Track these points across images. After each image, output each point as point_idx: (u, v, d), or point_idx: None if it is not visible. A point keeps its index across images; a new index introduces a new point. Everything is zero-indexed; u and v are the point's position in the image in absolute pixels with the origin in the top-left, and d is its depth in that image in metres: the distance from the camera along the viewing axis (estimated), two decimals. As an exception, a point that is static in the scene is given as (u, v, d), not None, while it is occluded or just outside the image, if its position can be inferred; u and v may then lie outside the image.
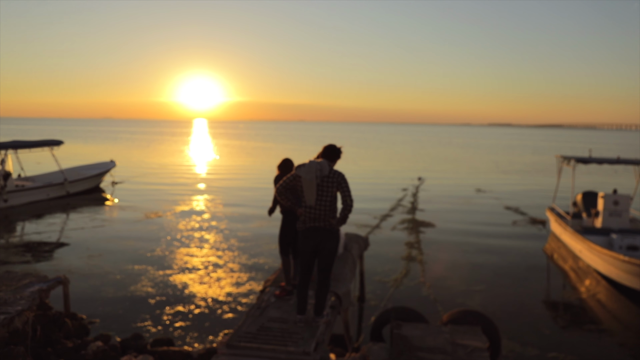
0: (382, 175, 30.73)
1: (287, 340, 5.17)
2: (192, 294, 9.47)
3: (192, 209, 18.00)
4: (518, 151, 62.91)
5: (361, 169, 34.17)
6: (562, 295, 10.03)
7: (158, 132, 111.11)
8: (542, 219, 17.18)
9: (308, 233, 5.35)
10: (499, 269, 11.43)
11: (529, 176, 32.57)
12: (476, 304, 9.21)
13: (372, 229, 15.08)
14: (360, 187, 24.11)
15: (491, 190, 24.69)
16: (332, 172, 5.27)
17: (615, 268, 10.29)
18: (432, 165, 38.95)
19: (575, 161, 13.28)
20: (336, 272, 7.07)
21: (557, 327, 8.37)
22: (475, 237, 14.47)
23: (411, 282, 10.38)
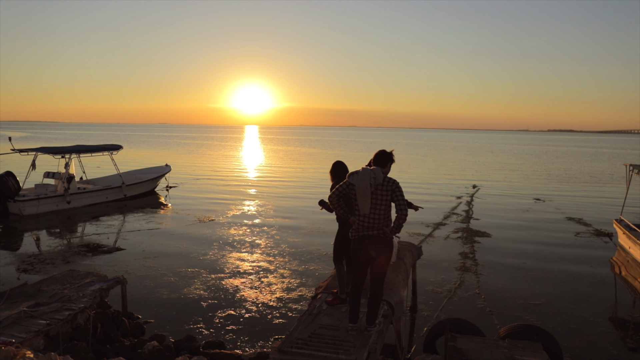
0: (436, 182, 30.12)
1: (338, 348, 5.08)
2: (244, 298, 9.55)
3: (243, 214, 18.26)
4: (581, 158, 60.11)
5: (413, 175, 33.64)
6: (631, 313, 9.40)
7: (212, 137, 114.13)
8: (608, 231, 16.25)
9: (361, 241, 5.26)
10: (560, 283, 10.87)
11: (593, 185, 30.99)
12: (535, 318, 8.78)
13: (425, 238, 14.75)
14: (412, 195, 23.71)
15: (551, 200, 23.65)
16: (386, 180, 5.16)
17: (691, 285, 9.56)
18: (487, 173, 37.83)
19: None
20: (389, 281, 6.92)
21: (625, 348, 7.83)
22: (535, 249, 13.86)
23: (465, 293, 10.04)
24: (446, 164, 46.57)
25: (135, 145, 68.99)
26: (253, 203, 20.94)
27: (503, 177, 34.65)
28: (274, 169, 38.43)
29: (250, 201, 21.44)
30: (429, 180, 31.50)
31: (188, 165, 39.38)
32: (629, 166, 13.89)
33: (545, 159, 58.49)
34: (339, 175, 6.13)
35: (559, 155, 70.30)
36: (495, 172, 38.48)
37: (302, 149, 70.06)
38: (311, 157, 53.87)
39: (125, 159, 40.24)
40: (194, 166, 38.41)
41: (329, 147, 79.26)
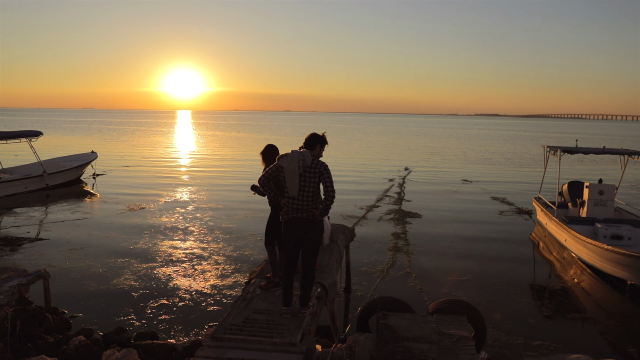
0: (368, 165, 30.71)
1: (272, 331, 5.10)
2: (177, 286, 9.35)
3: (175, 201, 17.81)
4: (505, 141, 63.30)
5: (347, 159, 34.10)
6: (547, 284, 10.09)
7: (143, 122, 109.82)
8: (528, 209, 17.28)
9: (291, 224, 5.27)
10: (485, 259, 11.46)
11: (515, 166, 32.79)
12: (462, 293, 9.22)
13: (358, 220, 15.04)
14: (346, 178, 24.05)
15: (478, 181, 24.80)
16: (314, 162, 5.18)
17: (599, 257, 10.36)
18: (418, 155, 39.02)
19: (562, 151, 13.33)
20: (322, 263, 7.01)
21: (541, 316, 8.41)
22: (462, 228, 14.51)
23: (397, 272, 10.36)
24: (379, 147, 47.55)
25: (58, 132, 65.23)
26: (186, 189, 20.44)
27: (433, 160, 35.89)
28: (206, 154, 37.65)
29: (183, 188, 20.92)
30: (362, 163, 32.05)
31: (116, 152, 37.77)
32: (546, 147, 14.76)
33: (473, 142, 61.12)
34: (270, 159, 6.09)
35: (485, 138, 73.71)
36: (426, 155, 39.76)
37: (232, 134, 69.08)
38: (241, 141, 53.22)
39: (46, 147, 37.97)
40: (123, 153, 36.90)
41: (260, 131, 78.64)
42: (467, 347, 4.75)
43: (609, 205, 12.74)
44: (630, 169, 29.86)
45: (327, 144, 5.50)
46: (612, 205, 12.79)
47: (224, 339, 4.97)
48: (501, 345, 7.24)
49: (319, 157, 5.40)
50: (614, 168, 32.20)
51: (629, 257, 9.33)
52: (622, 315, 8.55)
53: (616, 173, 28.43)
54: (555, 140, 70.65)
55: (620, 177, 15.06)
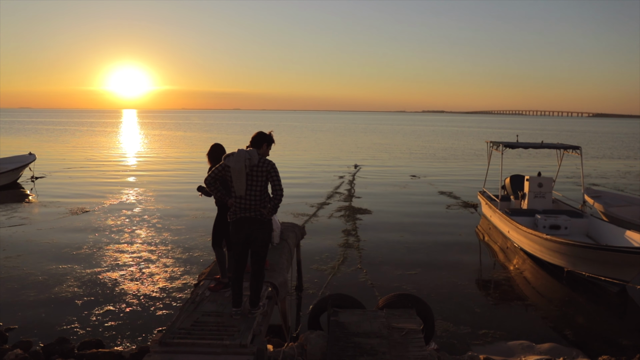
0: (319, 163, 30.83)
1: (222, 333, 5.02)
2: (123, 291, 9.05)
3: (121, 203, 17.25)
4: (450, 137, 65.13)
5: (297, 157, 34.12)
6: (492, 274, 10.45)
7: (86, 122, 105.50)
8: (474, 203, 17.85)
9: (239, 223, 5.21)
10: (433, 252, 11.75)
11: (460, 161, 33.79)
12: (412, 287, 9.41)
13: (309, 218, 15.07)
14: (296, 176, 24.06)
15: (425, 176, 25.39)
16: (261, 161, 5.14)
17: (539, 246, 10.84)
18: (367, 152, 39.53)
19: (504, 146, 13.83)
20: (272, 262, 6.97)
21: (487, 305, 8.71)
22: (411, 222, 14.82)
23: (348, 269, 10.45)
24: (327, 145, 47.83)
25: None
26: (132, 191, 19.84)
27: (382, 157, 36.45)
28: (153, 154, 36.67)
29: (129, 189, 20.28)
30: (312, 161, 32.15)
31: (56, 153, 36.12)
32: (489, 143, 15.29)
33: (420, 138, 62.54)
34: (217, 158, 5.99)
35: (431, 134, 75.58)
36: (374, 152, 40.34)
37: (179, 133, 67.61)
38: (188, 141, 52.19)
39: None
40: (63, 155, 35.34)
41: (207, 130, 77.39)
42: (416, 339, 4.85)
43: (547, 197, 13.35)
44: (566, 162, 31.43)
45: (274, 143, 5.47)
46: (550, 197, 13.42)
47: (172, 344, 4.85)
48: (449, 336, 7.44)
49: (265, 155, 5.36)
50: (552, 161, 33.78)
51: (565, 246, 9.81)
52: (560, 301, 8.98)
53: (554, 166, 29.85)
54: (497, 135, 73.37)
55: (557, 170, 15.82)
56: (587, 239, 11.74)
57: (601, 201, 14.79)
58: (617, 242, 10.70)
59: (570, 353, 6.97)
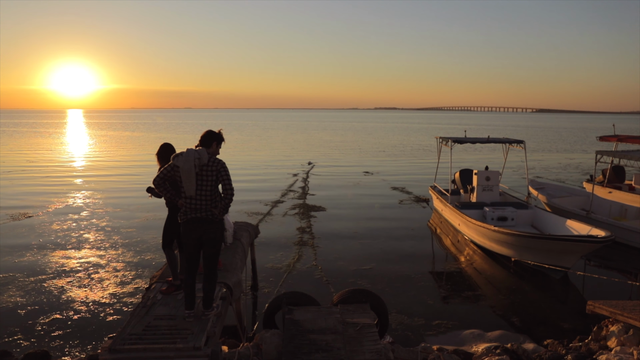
0: (272, 161, 30.70)
1: (175, 337, 4.92)
2: (71, 298, 8.72)
3: (68, 207, 16.59)
4: (402, 133, 66.29)
5: (250, 156, 33.86)
6: (444, 266, 10.72)
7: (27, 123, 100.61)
8: (425, 197, 18.25)
9: (190, 224, 5.12)
10: (387, 247, 11.93)
11: (412, 157, 34.46)
12: (367, 282, 9.53)
13: (263, 217, 14.98)
14: (249, 175, 23.87)
15: (378, 172, 25.74)
16: (211, 160, 5.07)
17: (488, 238, 11.21)
18: (320, 149, 39.68)
19: (453, 141, 14.19)
20: (225, 262, 6.88)
21: (440, 297, 8.93)
22: (365, 218, 14.99)
23: (304, 266, 10.46)
24: (280, 143, 47.70)
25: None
26: (78, 194, 19.11)
27: (335, 154, 36.69)
28: (99, 155, 35.45)
29: (75, 192, 19.53)
30: (265, 159, 31.97)
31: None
32: (439, 138, 15.66)
33: (372, 135, 63.34)
34: (166, 158, 5.85)
35: (383, 130, 76.69)
36: (328, 149, 40.54)
37: (126, 134, 65.65)
38: (136, 141, 50.80)
39: None
40: (3, 157, 33.63)
41: (157, 130, 75.57)
42: (371, 334, 4.91)
43: (494, 190, 13.81)
44: (512, 156, 32.62)
45: (224, 141, 5.39)
46: (498, 190, 13.89)
47: (122, 350, 4.71)
48: (404, 328, 7.58)
49: (215, 154, 5.29)
50: (498, 155, 34.98)
51: (512, 236, 10.19)
52: (508, 290, 9.32)
53: (500, 160, 30.91)
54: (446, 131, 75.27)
55: (503, 164, 16.38)
56: (532, 229, 12.23)
57: (544, 193, 15.43)
58: (559, 231, 11.20)
59: (518, 339, 7.24)
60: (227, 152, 35.12)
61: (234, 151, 36.85)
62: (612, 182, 16.62)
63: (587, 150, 43.33)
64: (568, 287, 9.59)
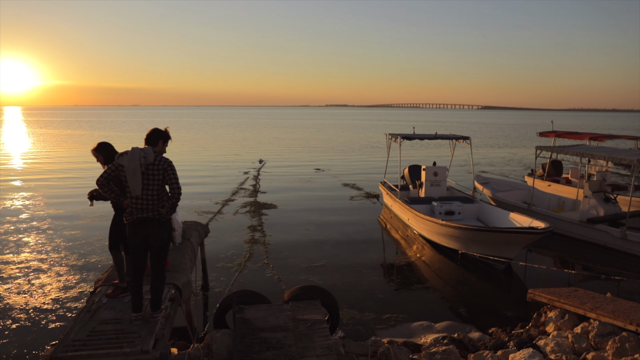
0: (222, 159, 30.30)
1: (122, 341, 4.77)
2: (9, 306, 8.29)
3: (5, 210, 15.76)
4: (352, 130, 66.94)
5: (200, 154, 33.29)
6: (394, 261, 10.93)
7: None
8: (376, 193, 18.51)
9: (136, 225, 4.98)
10: (339, 243, 12.04)
11: (362, 154, 34.87)
12: (318, 279, 9.58)
13: (214, 215, 14.78)
14: (199, 173, 23.48)
15: (329, 169, 25.90)
16: (158, 159, 4.95)
17: (436, 232, 11.51)
18: (272, 147, 39.52)
19: (402, 138, 14.46)
20: (174, 263, 6.75)
21: (390, 290, 9.09)
22: (316, 215, 15.05)
23: (255, 264, 10.40)
24: (230, 140, 47.16)
25: None
26: (17, 196, 18.19)
27: (287, 151, 36.63)
28: (40, 155, 33.88)
29: (13, 194, 18.58)
30: (216, 157, 31.53)
31: None
32: (388, 135, 15.92)
33: (323, 132, 63.63)
34: (109, 157, 5.67)
35: (334, 127, 77.21)
36: (279, 147, 40.43)
37: (67, 132, 63.04)
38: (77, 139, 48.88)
39: None
40: None
41: (101, 128, 72.95)
42: (321, 330, 4.95)
43: (442, 185, 14.19)
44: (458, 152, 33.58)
45: (171, 139, 5.28)
46: (445, 185, 14.28)
47: (65, 358, 4.53)
48: (355, 323, 7.68)
49: (162, 153, 5.17)
50: (446, 151, 35.94)
51: (459, 230, 10.51)
52: (455, 281, 9.61)
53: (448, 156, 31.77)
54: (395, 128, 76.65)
55: (450, 159, 16.86)
56: (478, 222, 12.65)
57: (489, 187, 16.00)
58: (502, 223, 11.65)
59: (465, 328, 7.49)
60: (176, 151, 34.39)
61: (183, 150, 36.12)
62: (551, 176, 17.43)
63: (527, 145, 45.22)
64: (511, 277, 9.98)
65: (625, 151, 12.91)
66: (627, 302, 6.60)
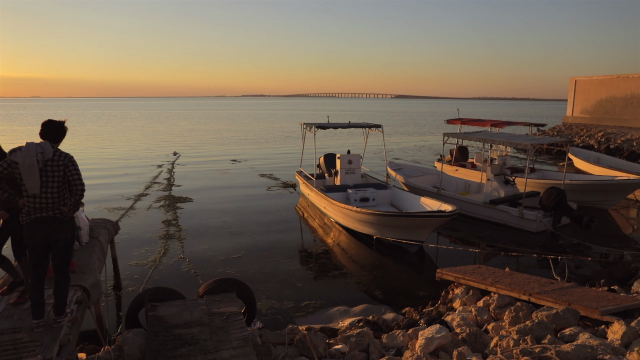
0: (134, 153, 28.99)
1: (21, 351, 4.46)
2: None
3: None
4: (269, 120, 66.62)
5: (108, 149, 31.62)
6: (312, 249, 11.07)
7: None
8: (292, 183, 18.60)
9: (35, 225, 4.64)
10: (256, 234, 11.99)
11: (279, 143, 34.84)
12: (236, 271, 9.49)
13: (125, 211, 14.14)
14: (109, 168, 22.33)
15: (246, 160, 25.63)
16: (57, 155, 4.63)
17: (351, 219, 11.80)
18: (185, 139, 38.40)
19: (316, 127, 14.62)
20: (81, 264, 6.39)
21: (308, 278, 9.21)
22: (233, 207, 14.87)
23: (170, 260, 10.11)
24: (142, 133, 45.26)
25: None
26: None
27: (202, 142, 35.77)
28: None
29: None
30: (125, 151, 30.10)
31: None
32: (303, 124, 16.03)
33: (239, 122, 62.78)
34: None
35: (250, 117, 76.44)
36: (194, 138, 39.38)
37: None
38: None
39: None
40: None
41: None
42: (237, 322, 4.92)
43: (357, 172, 14.54)
44: (372, 140, 34.58)
45: (67, 130, 4.93)
46: (360, 172, 14.64)
47: (-45, 374, 4.17)
48: (274, 312, 7.71)
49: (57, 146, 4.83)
50: (360, 140, 36.84)
51: (373, 216, 10.84)
52: (371, 266, 9.92)
53: (362, 144, 32.59)
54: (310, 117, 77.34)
55: (364, 147, 17.30)
56: (392, 207, 13.12)
57: (402, 173, 16.63)
58: (414, 208, 12.17)
59: (380, 310, 7.77)
60: (80, 146, 32.46)
61: (89, 145, 34.12)
62: (458, 161, 18.44)
63: (436, 132, 47.46)
64: (423, 258, 10.47)
65: (522, 137, 13.93)
66: (522, 274, 7.17)
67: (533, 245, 11.21)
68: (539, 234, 12.01)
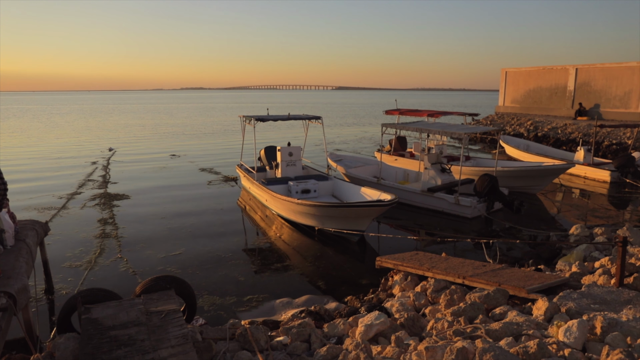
0: (64, 150, 27.63)
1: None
2: None
3: None
4: (207, 114, 65.34)
5: (35, 146, 29.97)
6: (254, 242, 11.01)
7: None
8: (234, 176, 18.38)
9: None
10: (197, 230, 11.77)
11: (220, 137, 34.30)
12: (177, 268, 9.30)
13: (57, 211, 13.48)
14: (37, 166, 21.18)
15: (185, 154, 25.06)
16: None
17: (293, 211, 11.82)
18: (120, 134, 37.01)
19: (256, 120, 14.49)
20: (6, 269, 6.04)
21: (250, 272, 9.16)
22: (172, 203, 14.52)
23: (107, 260, 9.75)
24: (72, 129, 43.21)
25: None
26: None
27: (138, 137, 34.62)
28: None
29: None
30: (55, 148, 28.65)
31: None
32: (242, 117, 15.84)
33: (176, 116, 61.19)
34: None
35: (188, 111, 74.70)
36: (130, 133, 38.04)
37: None
38: None
39: None
40: None
41: None
42: (176, 320, 4.82)
43: (297, 164, 14.57)
44: (312, 131, 34.72)
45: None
46: (300, 164, 14.68)
47: None
48: (217, 308, 7.63)
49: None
50: (300, 132, 36.89)
51: (314, 207, 10.91)
52: (313, 257, 9.99)
53: (302, 136, 32.64)
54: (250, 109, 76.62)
55: (305, 139, 17.34)
56: (333, 198, 13.26)
57: (342, 164, 16.82)
58: (354, 198, 12.35)
59: (322, 300, 7.86)
60: (3, 144, 30.62)
61: (13, 142, 32.21)
62: (397, 151, 18.87)
63: (375, 123, 48.29)
64: (365, 247, 10.66)
65: (457, 126, 14.43)
66: (457, 259, 7.47)
67: (468, 231, 11.68)
68: (474, 220, 12.53)
